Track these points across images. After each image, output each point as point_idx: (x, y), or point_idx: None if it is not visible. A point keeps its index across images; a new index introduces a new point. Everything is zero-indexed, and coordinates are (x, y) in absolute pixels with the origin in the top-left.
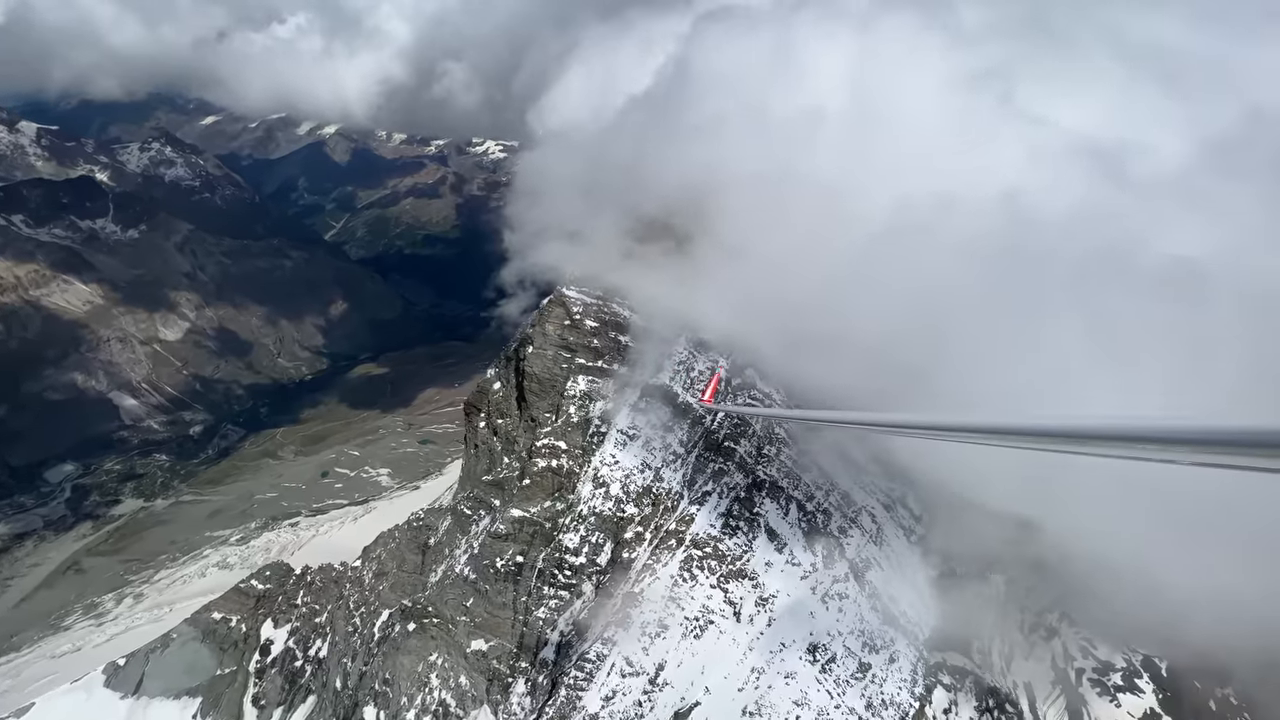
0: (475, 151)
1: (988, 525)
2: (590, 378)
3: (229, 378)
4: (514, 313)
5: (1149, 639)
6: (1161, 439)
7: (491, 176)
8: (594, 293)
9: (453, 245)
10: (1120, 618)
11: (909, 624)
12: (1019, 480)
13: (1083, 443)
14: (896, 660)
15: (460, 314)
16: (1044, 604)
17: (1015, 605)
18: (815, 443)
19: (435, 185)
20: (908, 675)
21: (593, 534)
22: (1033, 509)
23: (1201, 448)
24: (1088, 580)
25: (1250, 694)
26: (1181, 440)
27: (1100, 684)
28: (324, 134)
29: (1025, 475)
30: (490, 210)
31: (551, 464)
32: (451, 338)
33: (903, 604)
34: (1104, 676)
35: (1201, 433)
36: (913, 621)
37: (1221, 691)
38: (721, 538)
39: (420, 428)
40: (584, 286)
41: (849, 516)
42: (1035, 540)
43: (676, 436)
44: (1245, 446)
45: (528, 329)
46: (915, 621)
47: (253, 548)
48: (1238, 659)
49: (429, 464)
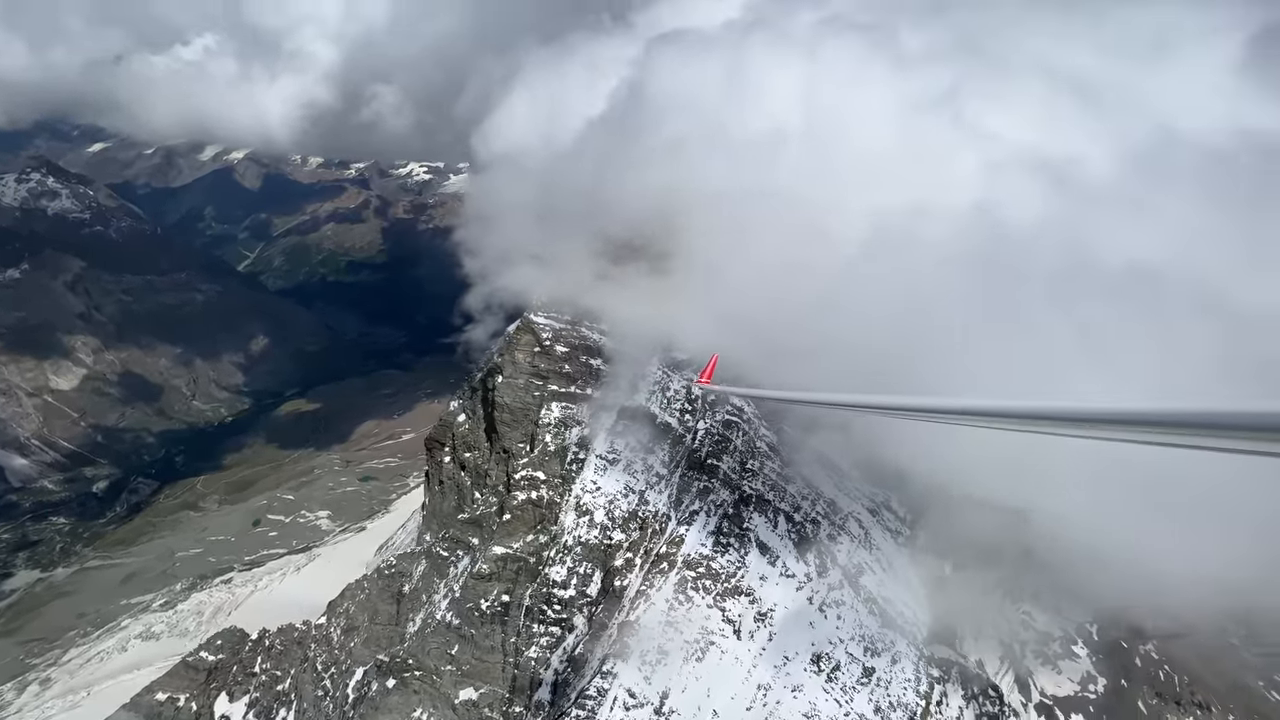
0: (398, 174)
1: (981, 516)
2: (564, 404)
3: (136, 426)
4: (479, 339)
5: (1117, 607)
6: (1148, 422)
7: (418, 199)
8: (563, 317)
9: (380, 270)
10: (1096, 591)
11: (907, 624)
12: (1007, 471)
13: (1075, 425)
14: (899, 661)
15: (393, 341)
16: (1035, 590)
17: (1001, 593)
18: (798, 452)
19: (358, 209)
20: (911, 675)
21: (580, 564)
22: (1021, 498)
23: (1182, 430)
24: (1071, 561)
25: (1168, 649)
26: (1165, 423)
27: (1042, 654)
28: (231, 159)
29: (1013, 466)
30: (418, 233)
31: (531, 496)
32: (386, 367)
33: (898, 605)
34: (1044, 647)
35: (1183, 415)
36: (910, 621)
37: (1144, 648)
38: (713, 556)
39: (360, 464)
40: (552, 311)
41: (837, 524)
42: (1025, 528)
43: (658, 457)
44: (1223, 429)
45: (495, 358)
46: (912, 621)
47: (181, 612)
48: (1179, 619)
49: (373, 502)
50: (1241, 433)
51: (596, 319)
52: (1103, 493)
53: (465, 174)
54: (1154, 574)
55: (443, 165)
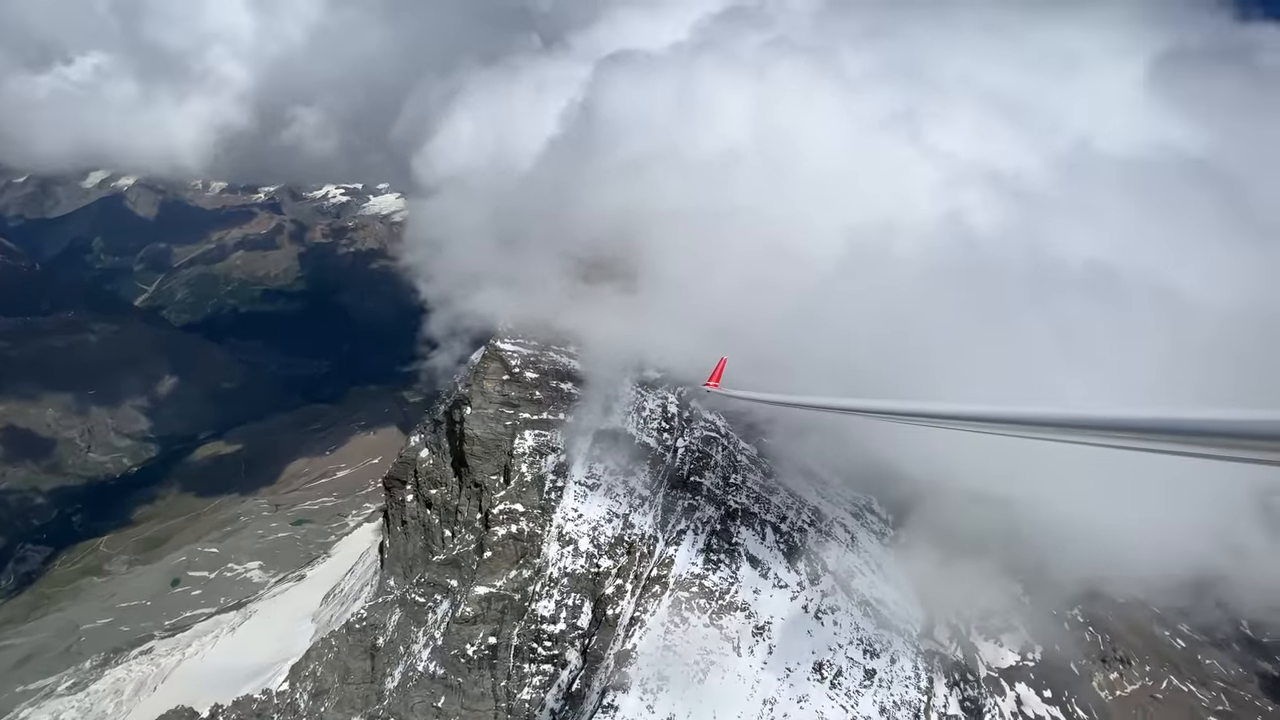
0: (313, 196)
1: (969, 505)
2: (537, 431)
3: (23, 486)
4: (440, 365)
5: (1095, 580)
6: (1145, 429)
7: (336, 222)
8: (530, 342)
9: (298, 299)
10: (1074, 568)
11: (900, 622)
12: (990, 461)
13: (1079, 432)
14: (898, 660)
15: (318, 373)
16: (1019, 572)
17: (987, 578)
18: (779, 463)
19: (270, 235)
20: (911, 673)
21: (568, 596)
22: (1004, 486)
23: (1161, 437)
24: (1050, 542)
25: (1091, 612)
26: (1166, 430)
27: (984, 628)
28: (121, 186)
29: (994, 456)
30: (339, 258)
31: (511, 529)
32: (312, 400)
33: (890, 605)
34: (986, 621)
35: (1177, 423)
36: (904, 619)
37: (1071, 613)
38: (705, 574)
39: (291, 507)
40: (519, 337)
41: (823, 530)
42: (1010, 514)
43: (639, 479)
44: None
45: (461, 389)
46: (905, 619)
47: (95, 694)
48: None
49: (310, 547)
50: (1217, 440)
51: (565, 342)
52: (1073, 474)
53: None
54: (1123, 547)
55: (361, 186)
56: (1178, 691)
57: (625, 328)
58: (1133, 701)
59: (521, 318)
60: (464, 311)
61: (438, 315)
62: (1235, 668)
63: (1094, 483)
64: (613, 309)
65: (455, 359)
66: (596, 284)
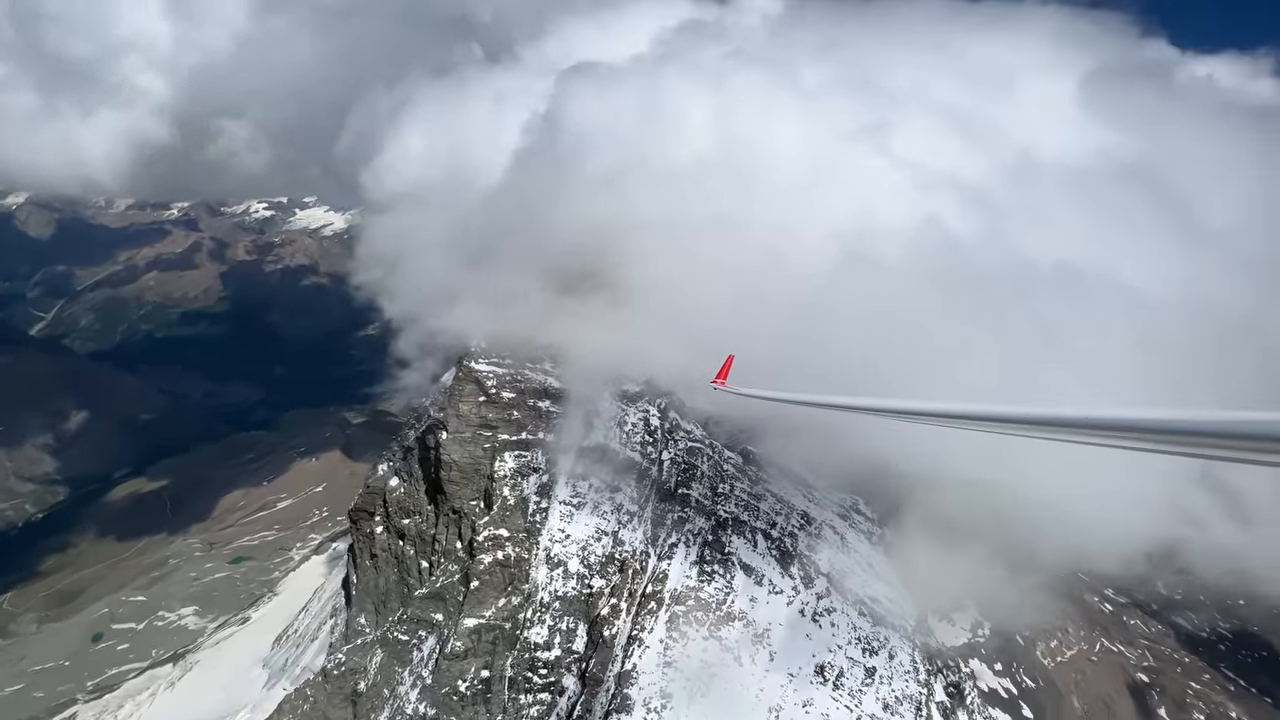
0: (233, 212)
1: (961, 493)
2: (517, 452)
3: None
4: (410, 385)
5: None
6: (1146, 429)
7: (260, 238)
8: (505, 361)
9: (222, 321)
10: (1054, 547)
11: (895, 618)
12: (978, 448)
13: (1071, 430)
14: (896, 656)
15: (248, 399)
16: (1004, 554)
17: (978, 565)
18: (764, 469)
19: (188, 254)
20: (910, 667)
21: (561, 620)
22: (993, 472)
23: (1175, 438)
24: (1030, 523)
25: (1028, 586)
26: (1162, 430)
27: (938, 611)
28: (9, 205)
29: (982, 443)
30: (266, 275)
31: (497, 556)
32: (244, 428)
33: (884, 601)
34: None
35: (1175, 424)
36: (898, 615)
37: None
38: (700, 586)
39: (228, 545)
40: (493, 356)
41: (813, 533)
42: (996, 500)
43: (626, 494)
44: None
45: (435, 413)
46: (899, 614)
47: None
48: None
49: (252, 586)
50: (1202, 440)
51: (540, 359)
52: (1046, 454)
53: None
54: (1096, 521)
55: (286, 200)
56: (1109, 652)
57: (601, 341)
58: (1072, 665)
59: (495, 336)
60: (428, 330)
61: (400, 334)
62: (1155, 625)
63: (1063, 461)
64: (587, 322)
65: (424, 380)
66: (570, 297)
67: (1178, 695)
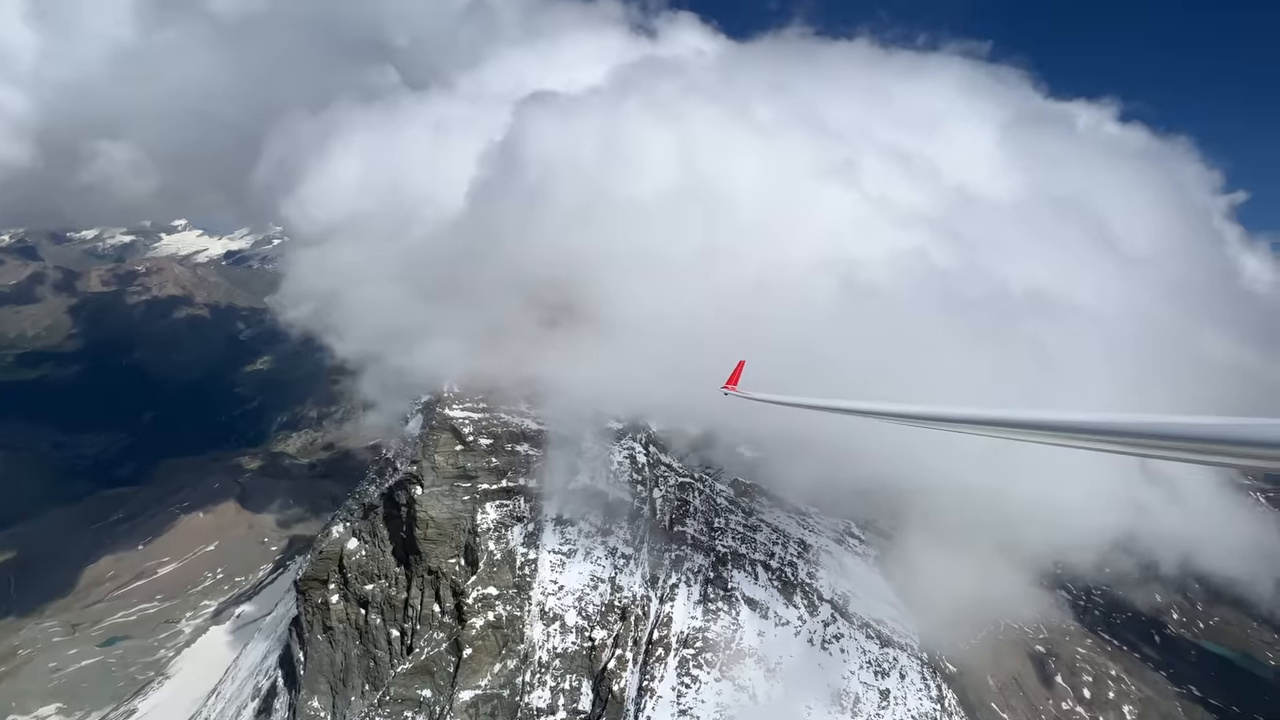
0: (82, 238)
1: (960, 500)
2: (499, 502)
3: None
4: (373, 428)
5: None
6: (1142, 435)
7: (120, 267)
8: (479, 405)
9: (72, 361)
10: (1040, 541)
11: (901, 638)
12: (970, 456)
13: (1087, 437)
14: (907, 675)
15: (110, 449)
16: (1003, 553)
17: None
18: (757, 500)
19: (26, 286)
20: (921, 685)
21: (563, 679)
22: (985, 477)
23: (1146, 442)
24: (1022, 520)
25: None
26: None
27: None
28: None
29: (972, 454)
30: (128, 309)
31: (489, 618)
32: (108, 483)
33: (889, 622)
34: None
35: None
36: (903, 634)
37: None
38: (706, 625)
39: (97, 624)
40: (466, 401)
41: (811, 560)
42: (993, 501)
43: (619, 536)
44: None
45: (407, 467)
46: (904, 633)
47: None
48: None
49: (134, 670)
50: (1195, 445)
51: (515, 400)
52: (1025, 458)
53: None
54: (1068, 521)
55: (149, 224)
56: (1010, 629)
57: (578, 377)
58: (984, 645)
59: (467, 378)
60: (389, 369)
61: (356, 374)
62: (1048, 600)
63: (1036, 465)
64: (562, 358)
65: (385, 422)
66: (542, 332)
67: (1069, 660)
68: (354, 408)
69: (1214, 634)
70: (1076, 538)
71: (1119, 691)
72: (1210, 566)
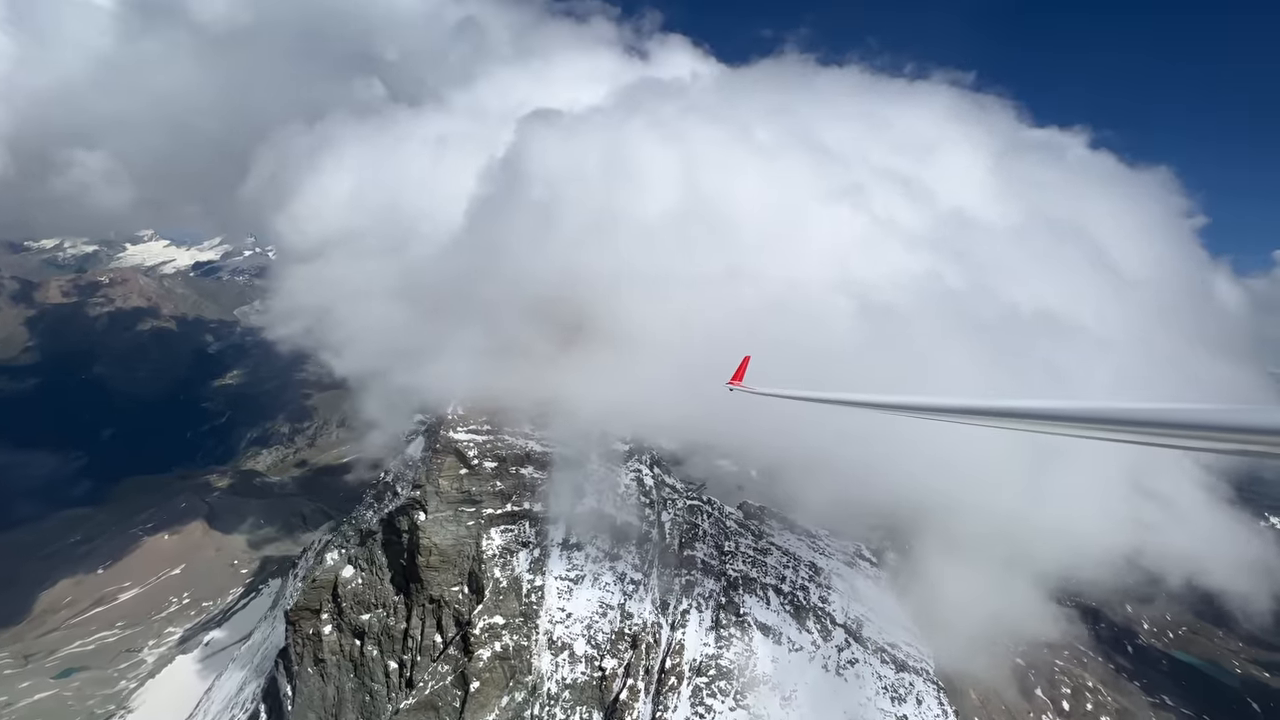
0: (41, 247)
1: (978, 519)
2: (504, 527)
3: None
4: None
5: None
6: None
7: (82, 278)
8: (483, 427)
9: (27, 374)
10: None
11: (916, 662)
12: (986, 474)
13: (1100, 427)
14: (924, 700)
15: (65, 469)
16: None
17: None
18: (766, 523)
19: None
20: (937, 710)
21: (573, 712)
22: (999, 496)
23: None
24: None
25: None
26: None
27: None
28: None
29: (986, 475)
30: (89, 321)
31: (496, 648)
32: (63, 504)
33: (903, 646)
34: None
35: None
36: (917, 658)
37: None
38: (719, 653)
39: (52, 653)
40: (470, 423)
41: (823, 584)
42: (1006, 520)
43: (627, 561)
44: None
45: (409, 492)
46: (919, 657)
47: None
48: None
49: (92, 704)
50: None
51: (519, 421)
52: (1037, 476)
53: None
54: (1079, 538)
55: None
56: (992, 644)
57: (583, 397)
58: (987, 659)
59: (471, 399)
60: (393, 388)
61: (356, 393)
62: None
63: (1045, 483)
64: (568, 377)
65: (384, 442)
66: (547, 351)
67: (1048, 673)
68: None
69: (1183, 644)
70: (1086, 555)
71: (1096, 703)
72: (1192, 580)
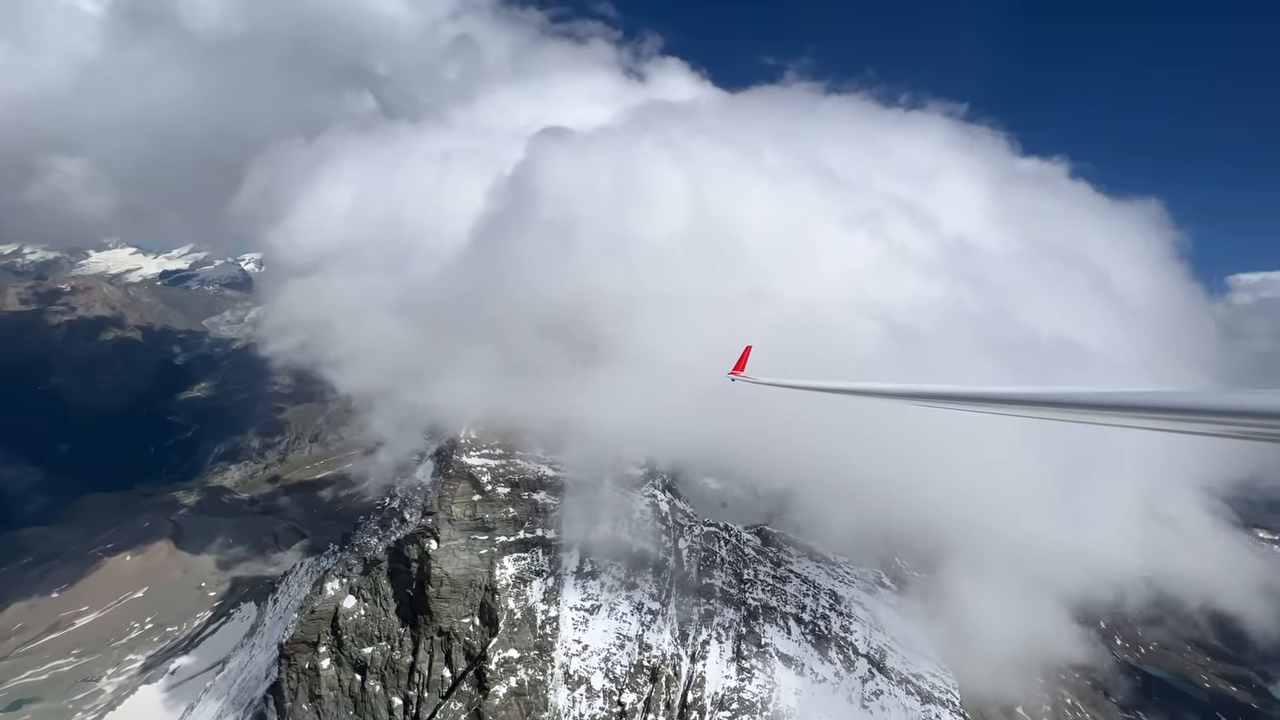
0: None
1: (1003, 543)
2: (517, 555)
3: None
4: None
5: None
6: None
7: (41, 285)
8: (495, 451)
9: None
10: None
11: (942, 694)
12: (1010, 498)
13: (1115, 414)
14: None
15: (17, 484)
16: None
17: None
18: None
19: None
20: None
21: None
22: (1015, 525)
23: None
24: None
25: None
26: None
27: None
28: None
29: (1011, 501)
30: (48, 330)
31: (511, 684)
32: (14, 523)
33: (928, 677)
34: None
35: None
36: (943, 690)
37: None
38: (741, 685)
39: (2, 683)
40: (483, 447)
41: (844, 613)
42: (1029, 548)
43: (644, 591)
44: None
45: (420, 520)
46: (944, 689)
47: None
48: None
49: None
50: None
51: (531, 445)
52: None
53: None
54: (1101, 556)
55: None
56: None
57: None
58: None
59: (483, 421)
60: (399, 407)
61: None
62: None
63: (1063, 509)
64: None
65: (389, 463)
66: (558, 372)
67: (1035, 711)
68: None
69: (1155, 659)
70: (1104, 576)
71: None
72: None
